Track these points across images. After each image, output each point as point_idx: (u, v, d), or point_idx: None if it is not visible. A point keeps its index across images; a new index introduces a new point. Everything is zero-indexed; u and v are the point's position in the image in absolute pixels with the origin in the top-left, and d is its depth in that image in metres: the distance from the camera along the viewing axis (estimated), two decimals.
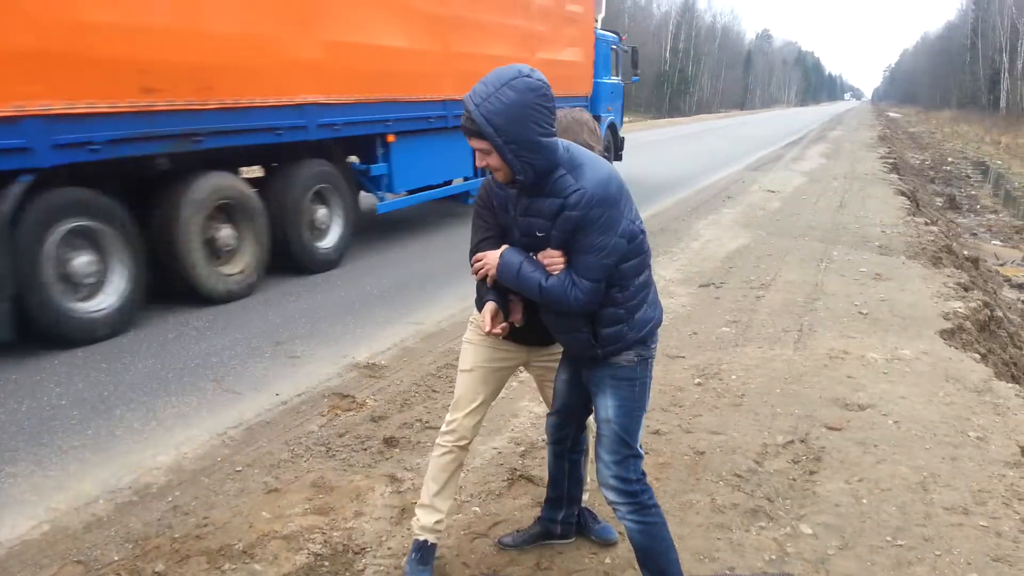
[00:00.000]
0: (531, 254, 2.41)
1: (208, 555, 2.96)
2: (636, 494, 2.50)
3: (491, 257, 2.46)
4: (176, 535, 3.10)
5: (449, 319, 5.96)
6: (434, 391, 4.58)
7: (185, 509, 3.31)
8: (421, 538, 2.82)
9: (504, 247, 2.46)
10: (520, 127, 2.19)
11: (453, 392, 4.68)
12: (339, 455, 3.80)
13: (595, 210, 2.25)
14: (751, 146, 26.01)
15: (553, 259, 2.35)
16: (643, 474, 2.54)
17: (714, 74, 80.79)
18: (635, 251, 2.38)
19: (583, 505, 3.07)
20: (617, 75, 14.64)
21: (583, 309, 2.36)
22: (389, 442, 3.92)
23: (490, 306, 2.55)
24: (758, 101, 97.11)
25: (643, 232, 2.42)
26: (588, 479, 3.13)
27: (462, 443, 2.80)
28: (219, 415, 4.31)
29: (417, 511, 2.85)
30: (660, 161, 19.36)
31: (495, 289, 2.55)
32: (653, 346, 2.54)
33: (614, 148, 14.38)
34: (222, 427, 4.15)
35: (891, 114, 72.50)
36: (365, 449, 3.86)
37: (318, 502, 3.35)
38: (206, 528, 3.15)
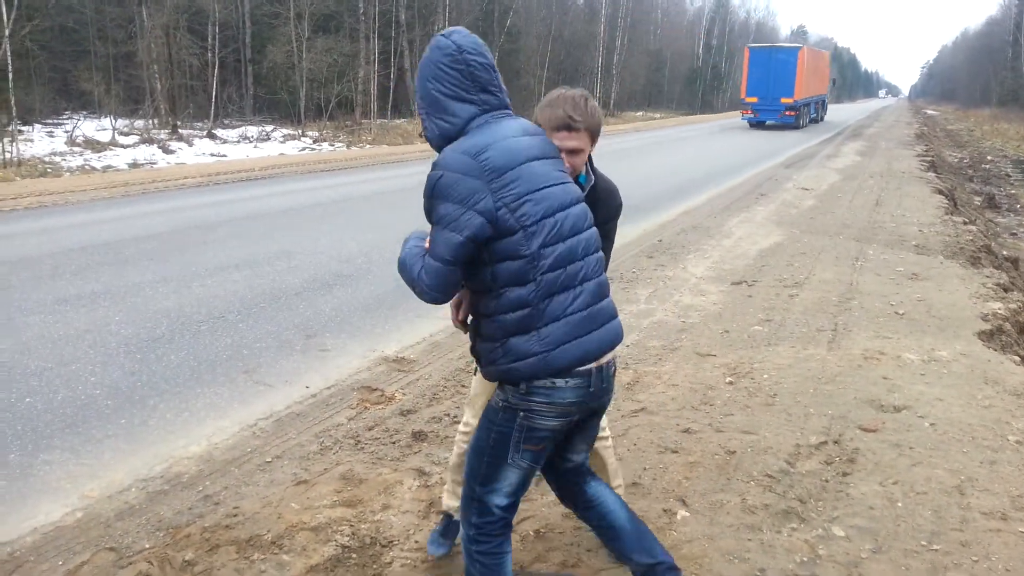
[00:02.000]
0: None
1: (237, 545, 2.99)
2: (469, 538, 2.26)
3: None
4: (206, 524, 3.14)
5: None
6: (463, 386, 4.58)
7: (215, 499, 3.35)
8: (446, 512, 2.93)
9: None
10: (424, 82, 2.13)
11: None
12: (368, 448, 3.82)
13: (448, 175, 2.00)
14: (787, 142, 25.70)
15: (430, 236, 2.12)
16: (485, 526, 2.24)
17: None
18: (510, 251, 2.02)
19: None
20: (827, 85, 43.72)
21: (428, 295, 2.08)
22: (418, 436, 3.93)
23: (455, 296, 2.30)
24: None
25: (524, 228, 2.01)
26: (619, 481, 3.07)
27: None
28: (250, 407, 4.36)
29: (443, 493, 2.97)
30: (702, 155, 19.20)
31: None
32: (534, 401, 2.09)
33: (823, 113, 43.22)
34: (253, 418, 4.19)
35: (929, 111, 71.12)
36: (394, 443, 3.88)
37: (347, 494, 3.36)
38: (236, 518, 3.18)
